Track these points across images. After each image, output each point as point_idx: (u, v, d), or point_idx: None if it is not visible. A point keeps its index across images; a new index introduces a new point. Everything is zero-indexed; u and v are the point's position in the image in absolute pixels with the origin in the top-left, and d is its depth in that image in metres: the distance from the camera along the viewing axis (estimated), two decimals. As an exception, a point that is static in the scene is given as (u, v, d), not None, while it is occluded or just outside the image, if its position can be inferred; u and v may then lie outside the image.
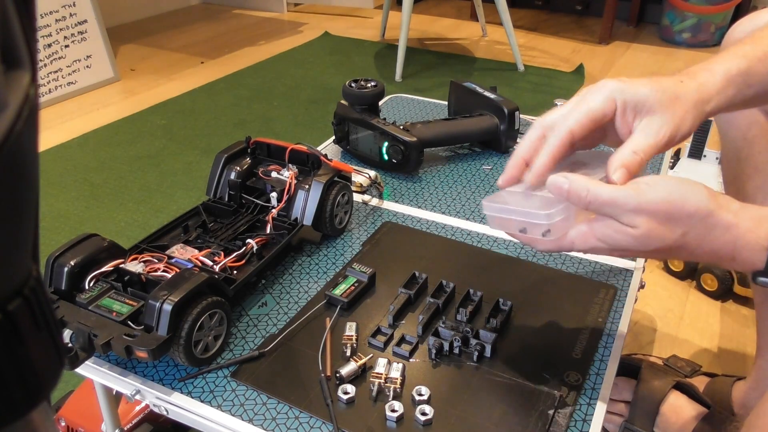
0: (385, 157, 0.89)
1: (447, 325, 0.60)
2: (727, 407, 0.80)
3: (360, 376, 0.56)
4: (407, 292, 0.65)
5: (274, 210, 0.71)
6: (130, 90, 2.12)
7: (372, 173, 0.87)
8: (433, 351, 0.58)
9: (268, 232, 0.69)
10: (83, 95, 2.07)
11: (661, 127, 0.48)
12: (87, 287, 0.58)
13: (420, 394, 0.54)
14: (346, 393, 0.54)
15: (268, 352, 0.59)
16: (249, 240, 0.66)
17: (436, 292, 0.65)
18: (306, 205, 0.70)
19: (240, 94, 2.05)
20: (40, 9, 1.90)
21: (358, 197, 0.85)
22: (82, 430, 0.75)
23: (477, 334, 0.59)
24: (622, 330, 0.62)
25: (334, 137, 0.97)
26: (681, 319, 1.10)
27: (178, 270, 0.59)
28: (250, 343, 0.60)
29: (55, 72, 2.00)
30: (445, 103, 1.09)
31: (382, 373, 0.56)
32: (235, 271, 0.63)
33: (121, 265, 0.59)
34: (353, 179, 0.83)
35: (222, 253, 0.64)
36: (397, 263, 0.72)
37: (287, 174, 0.73)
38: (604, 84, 0.49)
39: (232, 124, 1.84)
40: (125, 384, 0.57)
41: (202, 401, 0.55)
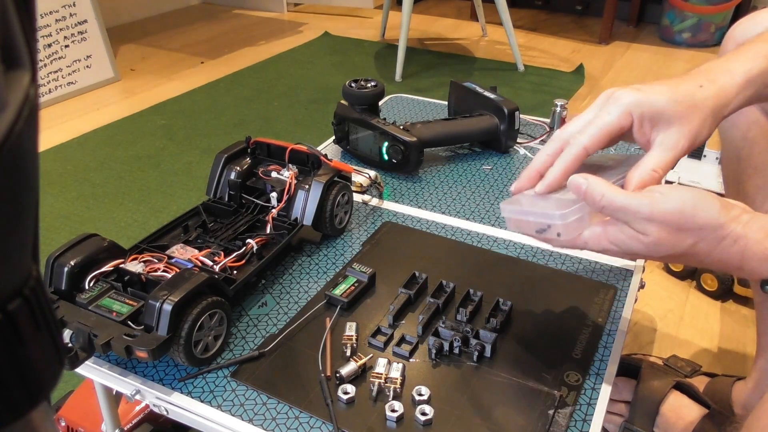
0: (385, 157, 0.89)
1: (447, 325, 0.60)
2: (727, 407, 0.80)
3: (360, 376, 0.56)
4: (407, 292, 0.65)
5: (274, 210, 0.71)
6: (130, 90, 2.12)
7: (372, 173, 0.87)
8: (433, 351, 0.58)
9: (268, 232, 0.69)
10: (83, 95, 2.07)
11: (678, 141, 0.49)
12: (87, 287, 0.58)
13: (420, 394, 0.54)
14: (346, 393, 0.54)
15: (268, 352, 0.59)
16: (249, 240, 0.66)
17: (436, 292, 0.65)
18: (306, 205, 0.70)
19: (240, 94, 2.05)
20: (40, 9, 1.90)
21: (358, 197, 0.85)
22: (82, 430, 0.75)
23: (477, 334, 0.59)
24: (622, 330, 0.62)
25: (334, 137, 0.97)
26: (681, 319, 1.10)
27: (178, 270, 0.59)
28: (250, 343, 0.60)
29: (55, 72, 2.00)
30: (445, 103, 1.09)
31: (382, 373, 0.56)
32: (235, 271, 0.63)
33: (121, 265, 0.60)
34: (353, 179, 0.83)
35: (222, 253, 0.64)
36: (397, 263, 0.72)
37: (287, 174, 0.73)
38: (621, 96, 0.50)
39: (232, 124, 1.84)
40: (125, 384, 0.57)
41: (202, 401, 0.55)
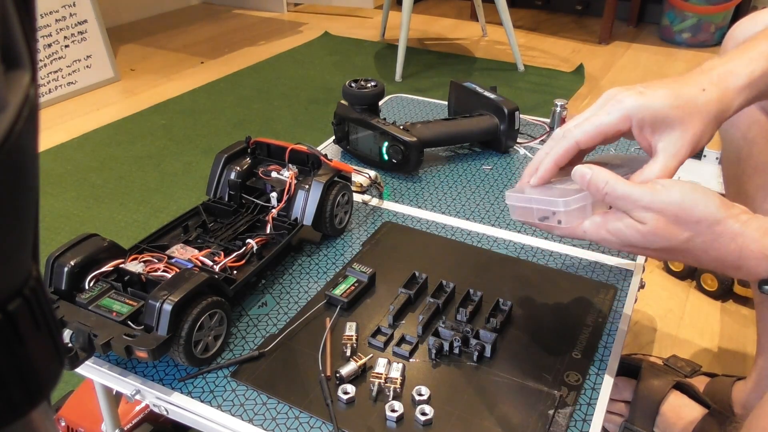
0: (385, 157, 0.89)
1: (447, 325, 0.60)
2: (727, 407, 0.80)
3: (360, 376, 0.56)
4: (407, 292, 0.65)
5: (274, 210, 0.71)
6: (130, 90, 2.12)
7: (372, 173, 0.87)
8: (433, 351, 0.58)
9: (268, 232, 0.69)
10: (83, 95, 2.07)
11: (682, 146, 0.49)
12: (87, 287, 0.58)
13: (420, 394, 0.54)
14: (346, 393, 0.54)
15: (268, 352, 0.59)
16: (249, 240, 0.66)
17: (436, 292, 0.65)
18: (306, 205, 0.70)
19: (240, 94, 2.05)
20: (40, 9, 1.90)
21: (358, 197, 0.85)
22: (82, 430, 0.75)
23: (477, 334, 0.59)
24: (622, 330, 0.62)
25: (334, 137, 0.97)
26: (681, 319, 1.10)
27: (178, 270, 0.59)
28: (250, 343, 0.60)
29: (55, 72, 2.00)
30: (445, 103, 1.09)
31: (382, 373, 0.56)
32: (235, 271, 0.63)
33: (121, 265, 0.59)
34: (353, 179, 0.83)
35: (222, 253, 0.64)
36: (397, 263, 0.72)
37: (287, 174, 0.73)
38: (622, 99, 0.50)
39: (232, 124, 1.84)
40: (125, 384, 0.57)
41: (202, 401, 0.55)
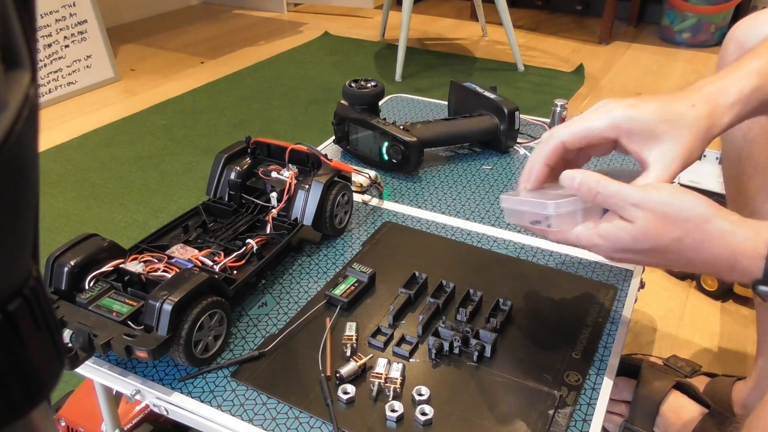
0: (385, 157, 0.89)
1: (447, 325, 0.60)
2: (727, 407, 0.80)
3: (360, 376, 0.56)
4: (407, 292, 0.65)
5: (274, 210, 0.71)
6: (130, 90, 2.12)
7: (372, 173, 0.87)
8: (433, 351, 0.58)
9: (268, 232, 0.69)
10: (83, 95, 2.07)
11: (673, 159, 0.49)
12: (87, 287, 0.58)
13: (420, 394, 0.54)
14: (346, 393, 0.54)
15: (268, 352, 0.59)
16: (249, 240, 0.66)
17: (436, 292, 0.65)
18: (306, 205, 0.70)
19: (240, 94, 2.05)
20: (40, 9, 1.90)
21: (358, 197, 0.85)
22: (82, 430, 0.75)
23: (477, 334, 0.59)
24: (622, 330, 0.62)
25: (334, 137, 0.97)
26: (681, 319, 1.10)
27: (178, 270, 0.59)
28: (250, 343, 0.60)
29: (55, 72, 2.00)
30: (445, 103, 1.09)
31: (382, 373, 0.56)
32: (235, 271, 0.63)
33: (121, 265, 0.59)
34: (353, 179, 0.83)
35: (222, 253, 0.64)
36: (397, 263, 0.72)
37: (287, 174, 0.73)
38: (613, 109, 0.51)
39: (232, 124, 1.84)
40: (125, 384, 0.57)
41: (202, 401, 0.55)
